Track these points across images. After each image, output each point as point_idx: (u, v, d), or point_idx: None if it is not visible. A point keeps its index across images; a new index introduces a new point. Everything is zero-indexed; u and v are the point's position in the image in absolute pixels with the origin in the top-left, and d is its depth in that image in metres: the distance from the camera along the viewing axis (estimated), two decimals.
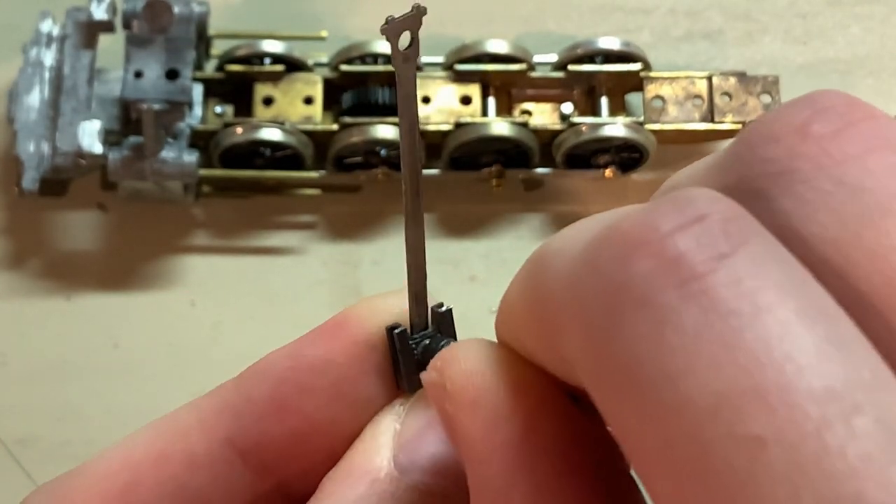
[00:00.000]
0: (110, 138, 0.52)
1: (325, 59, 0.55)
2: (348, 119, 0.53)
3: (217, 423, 0.22)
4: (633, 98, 0.55)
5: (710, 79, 0.54)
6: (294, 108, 0.54)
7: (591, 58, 0.54)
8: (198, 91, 0.54)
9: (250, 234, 0.55)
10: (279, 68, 0.54)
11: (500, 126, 0.53)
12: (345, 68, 0.54)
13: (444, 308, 0.23)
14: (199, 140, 0.53)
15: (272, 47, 0.54)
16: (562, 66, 0.55)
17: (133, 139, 0.51)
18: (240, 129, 0.52)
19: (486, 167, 0.54)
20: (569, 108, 0.55)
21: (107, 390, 0.51)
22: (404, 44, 0.19)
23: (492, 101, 0.55)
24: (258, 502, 0.23)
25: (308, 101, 0.54)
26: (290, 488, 0.23)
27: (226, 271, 0.54)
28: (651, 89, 0.54)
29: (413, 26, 0.19)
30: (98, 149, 0.50)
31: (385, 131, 0.52)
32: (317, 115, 0.54)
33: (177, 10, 0.52)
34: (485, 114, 0.54)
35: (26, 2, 0.56)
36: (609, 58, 0.54)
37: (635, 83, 0.54)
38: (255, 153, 0.53)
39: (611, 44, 0.54)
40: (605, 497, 0.17)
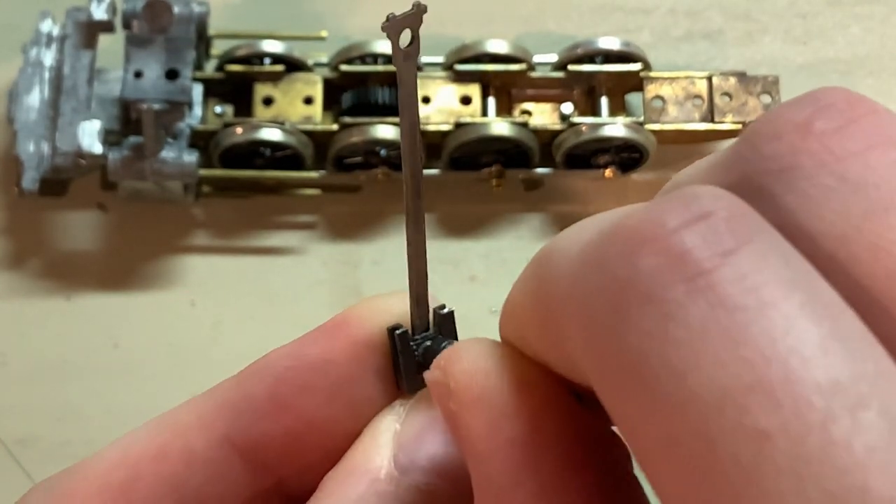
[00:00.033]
0: (110, 138, 0.52)
1: (325, 59, 0.55)
2: (348, 119, 0.53)
3: (216, 421, 0.22)
4: (633, 98, 0.55)
5: (710, 79, 0.54)
6: (294, 108, 0.54)
7: (591, 58, 0.54)
8: (198, 91, 0.54)
9: (250, 234, 0.55)
10: (279, 68, 0.54)
11: (500, 126, 0.52)
12: (345, 68, 0.54)
13: (446, 310, 0.23)
14: (199, 140, 0.53)
15: (272, 47, 0.54)
16: (562, 66, 0.55)
17: (133, 139, 0.51)
18: (240, 129, 0.52)
19: (486, 167, 0.53)
20: (569, 108, 0.55)
21: (107, 390, 0.51)
22: (405, 42, 0.19)
23: (492, 101, 0.55)
24: (256, 500, 0.23)
25: (308, 101, 0.54)
26: (289, 487, 0.23)
27: (226, 271, 0.54)
28: (651, 89, 0.54)
29: (414, 24, 0.19)
30: (98, 149, 0.50)
31: (385, 131, 0.52)
32: (317, 115, 0.54)
33: (177, 10, 0.52)
34: (485, 114, 0.54)
35: (26, 2, 0.56)
36: (609, 58, 0.54)
37: (635, 83, 0.54)
38: (255, 153, 0.53)
39: (611, 44, 0.54)
40: (608, 495, 0.17)
